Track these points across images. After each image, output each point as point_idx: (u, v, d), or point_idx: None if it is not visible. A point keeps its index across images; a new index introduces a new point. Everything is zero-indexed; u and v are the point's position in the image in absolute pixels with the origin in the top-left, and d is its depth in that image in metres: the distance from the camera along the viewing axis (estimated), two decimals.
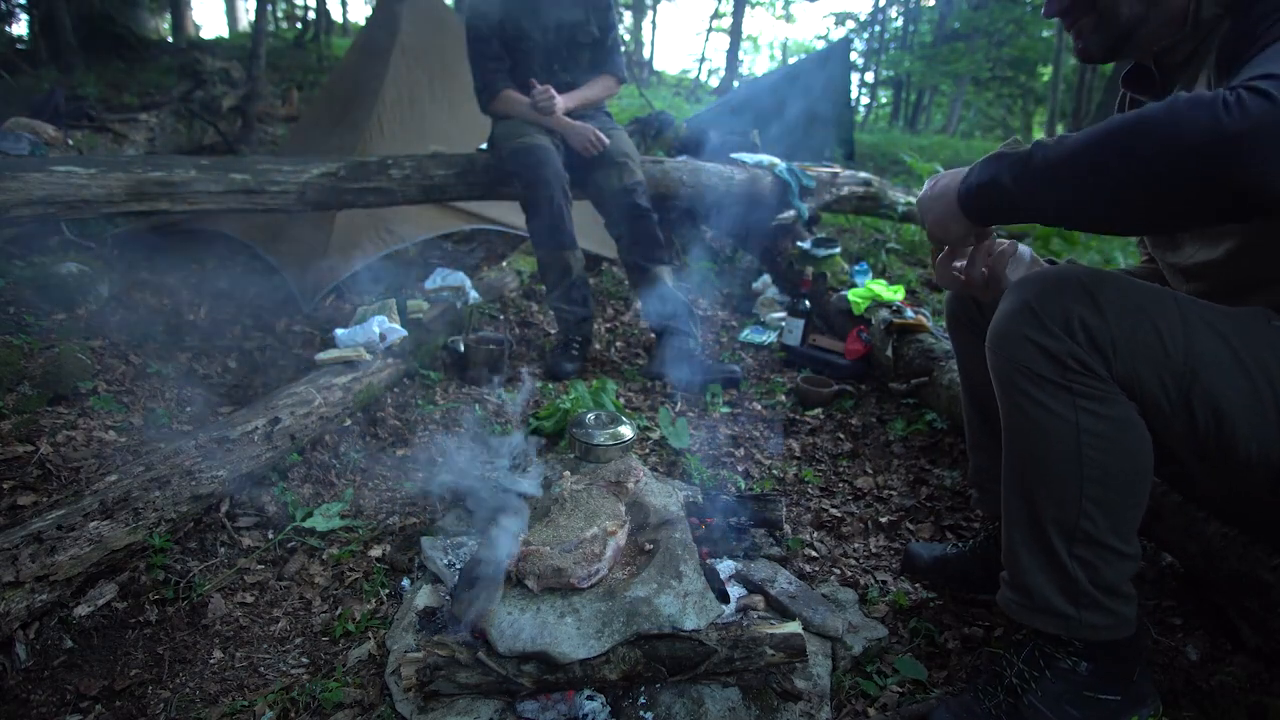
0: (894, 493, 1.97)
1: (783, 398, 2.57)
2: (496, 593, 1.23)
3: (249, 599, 1.50)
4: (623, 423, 1.50)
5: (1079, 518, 1.01)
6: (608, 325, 3.25)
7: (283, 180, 2.59)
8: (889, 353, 2.57)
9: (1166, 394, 0.96)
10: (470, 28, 2.71)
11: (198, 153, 5.36)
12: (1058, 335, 0.96)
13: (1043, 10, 1.16)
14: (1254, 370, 0.94)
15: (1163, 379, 0.95)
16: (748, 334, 3.20)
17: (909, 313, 2.65)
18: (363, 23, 10.40)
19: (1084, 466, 0.99)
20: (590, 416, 1.52)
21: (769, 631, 1.21)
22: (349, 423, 2.17)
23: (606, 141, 2.69)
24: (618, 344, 3.06)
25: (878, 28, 23.66)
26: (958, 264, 1.16)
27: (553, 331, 3.06)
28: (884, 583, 1.59)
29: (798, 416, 2.43)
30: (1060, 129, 13.29)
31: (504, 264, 3.70)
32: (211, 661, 1.34)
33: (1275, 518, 1.04)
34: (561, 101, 2.68)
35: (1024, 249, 1.19)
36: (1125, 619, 1.05)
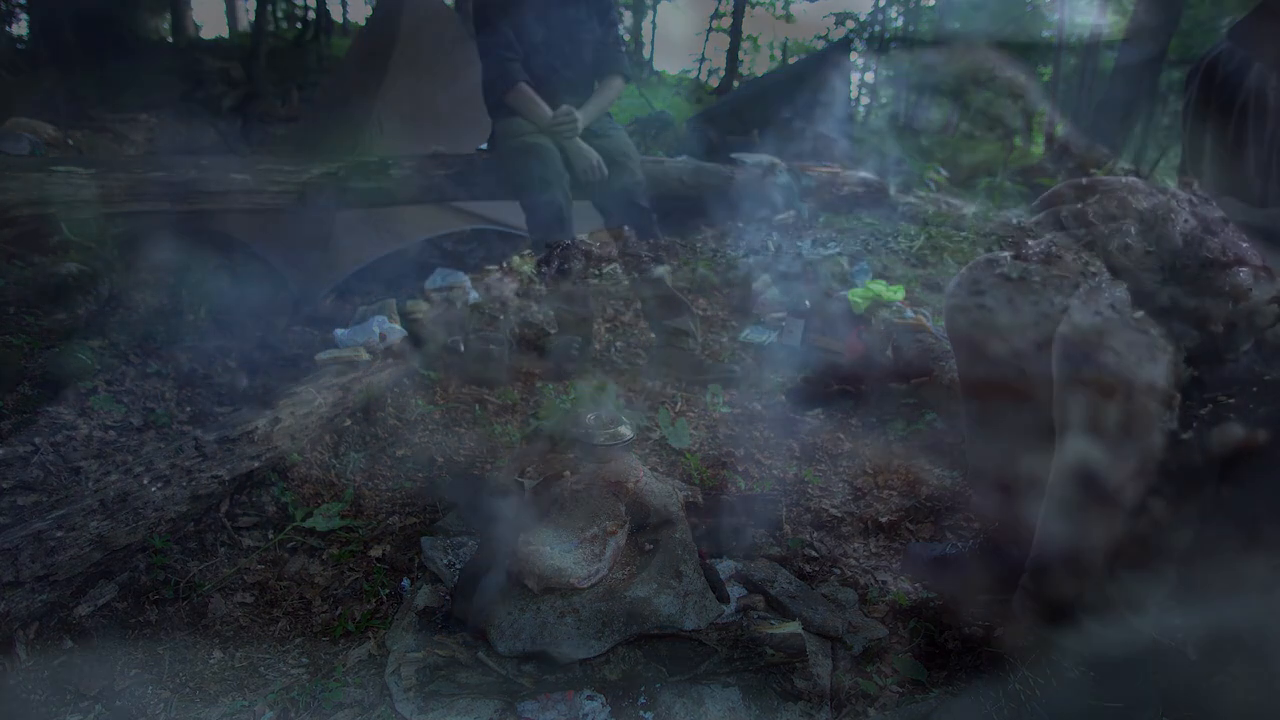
0: (894, 493, 1.97)
1: (783, 398, 2.57)
2: (496, 593, 1.23)
3: (249, 599, 1.50)
4: (623, 423, 1.50)
5: None
6: (608, 325, 3.25)
7: (283, 180, 2.60)
8: (889, 353, 2.56)
9: None
10: (479, 11, 2.65)
11: (198, 153, 5.35)
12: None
13: None
14: None
15: None
16: (748, 334, 3.20)
17: (909, 313, 2.65)
18: (363, 23, 10.39)
19: None
20: (590, 416, 1.52)
21: (769, 631, 1.21)
22: (349, 423, 2.16)
23: (606, 173, 2.67)
24: (618, 344, 3.06)
25: (878, 28, 23.66)
26: None
27: (553, 331, 3.06)
28: (884, 583, 1.59)
29: (798, 416, 2.43)
30: (1060, 129, 13.26)
31: (504, 264, 3.69)
32: (211, 661, 1.34)
33: (1274, 520, 1.04)
34: (581, 120, 2.66)
35: None
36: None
